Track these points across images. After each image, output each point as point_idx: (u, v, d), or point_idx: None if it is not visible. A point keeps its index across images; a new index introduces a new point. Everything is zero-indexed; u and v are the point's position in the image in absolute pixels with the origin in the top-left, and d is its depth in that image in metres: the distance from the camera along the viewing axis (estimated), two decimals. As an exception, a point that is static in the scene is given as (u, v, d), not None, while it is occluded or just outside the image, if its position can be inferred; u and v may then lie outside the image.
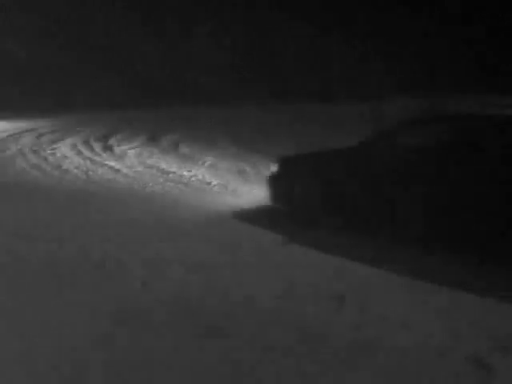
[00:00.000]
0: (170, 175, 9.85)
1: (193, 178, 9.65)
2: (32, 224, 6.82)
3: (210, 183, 9.33)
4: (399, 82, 20.86)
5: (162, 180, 9.51)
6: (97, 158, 11.46)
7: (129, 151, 12.27)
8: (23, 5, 20.35)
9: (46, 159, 11.41)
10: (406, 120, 6.35)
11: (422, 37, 22.83)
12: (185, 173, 10.11)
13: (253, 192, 8.58)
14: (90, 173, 10.00)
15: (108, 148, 12.62)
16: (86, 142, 13.28)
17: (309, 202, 6.78)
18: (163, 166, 10.60)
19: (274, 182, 7.23)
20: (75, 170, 10.25)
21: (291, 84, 21.10)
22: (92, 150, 12.48)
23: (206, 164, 10.87)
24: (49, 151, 12.22)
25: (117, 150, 12.45)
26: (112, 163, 10.88)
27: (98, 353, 3.82)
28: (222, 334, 4.12)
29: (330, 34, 21.79)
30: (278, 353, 3.88)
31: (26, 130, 15.27)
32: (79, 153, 12.08)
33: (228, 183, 9.21)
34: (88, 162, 10.96)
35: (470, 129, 5.62)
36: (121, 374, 3.60)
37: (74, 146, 12.75)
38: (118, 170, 10.19)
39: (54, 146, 12.88)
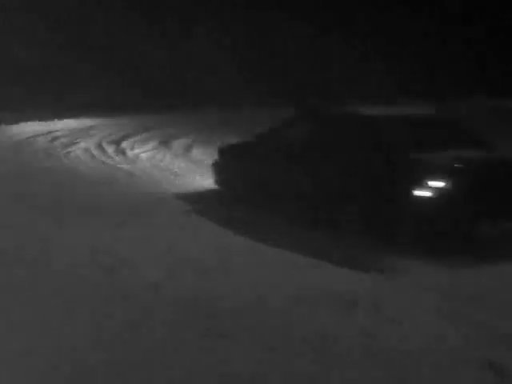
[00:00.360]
0: (183, 178, 9.87)
1: (205, 182, 9.64)
2: (37, 223, 6.83)
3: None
4: (399, 82, 20.86)
5: (175, 183, 9.55)
6: (110, 162, 11.52)
7: (142, 155, 12.38)
8: (23, 5, 20.34)
9: (60, 162, 11.45)
10: (286, 120, 7.94)
11: (422, 37, 22.82)
12: (197, 177, 10.13)
13: None
14: (104, 176, 10.00)
15: (121, 151, 12.73)
16: (100, 146, 13.37)
17: (233, 183, 8.21)
18: (176, 169, 10.60)
19: (215, 168, 8.69)
20: (89, 173, 10.27)
21: (291, 84, 21.09)
22: (105, 153, 12.59)
23: None
24: (63, 154, 12.28)
25: (130, 153, 12.55)
26: (125, 166, 10.94)
27: (98, 353, 3.82)
28: (228, 335, 4.12)
29: (330, 34, 21.77)
30: (283, 354, 3.88)
31: (42, 134, 15.33)
32: (93, 156, 12.17)
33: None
34: (102, 166, 10.99)
35: (327, 128, 7.20)
36: (121, 374, 3.60)
37: (87, 150, 12.86)
38: (131, 173, 10.24)
39: (69, 149, 12.97)
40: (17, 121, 17.13)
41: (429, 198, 5.68)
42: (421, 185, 5.69)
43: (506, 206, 5.97)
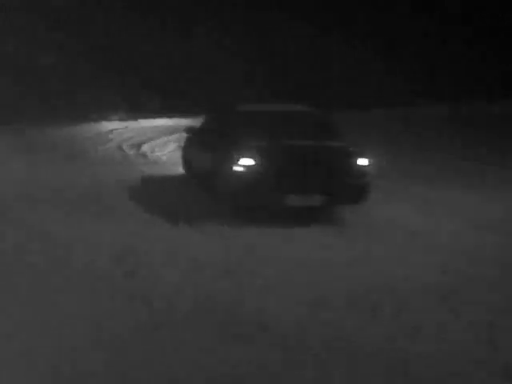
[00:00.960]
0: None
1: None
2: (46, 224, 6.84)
3: None
4: (399, 82, 20.86)
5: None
6: (130, 165, 11.55)
7: (162, 157, 12.47)
8: (23, 5, 20.30)
9: (82, 165, 11.47)
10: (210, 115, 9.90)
11: (422, 37, 22.81)
12: None
13: None
14: (125, 178, 9.97)
15: (141, 155, 12.81)
16: (120, 148, 13.48)
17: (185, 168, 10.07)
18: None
19: (182, 152, 10.32)
20: (110, 175, 10.26)
21: (291, 84, 21.08)
22: (126, 156, 12.69)
23: None
24: (83, 158, 12.31)
25: (150, 156, 12.65)
26: (145, 168, 10.98)
27: (98, 353, 3.82)
28: (228, 335, 4.12)
29: (330, 34, 21.76)
30: (283, 354, 3.88)
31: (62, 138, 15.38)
32: (114, 159, 12.25)
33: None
34: (122, 169, 10.98)
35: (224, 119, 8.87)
36: (121, 374, 3.60)
37: (108, 152, 12.98)
38: (151, 176, 10.29)
39: (90, 153, 13.03)
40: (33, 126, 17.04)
41: (240, 172, 7.33)
42: (235, 162, 7.36)
43: (314, 183, 7.43)
